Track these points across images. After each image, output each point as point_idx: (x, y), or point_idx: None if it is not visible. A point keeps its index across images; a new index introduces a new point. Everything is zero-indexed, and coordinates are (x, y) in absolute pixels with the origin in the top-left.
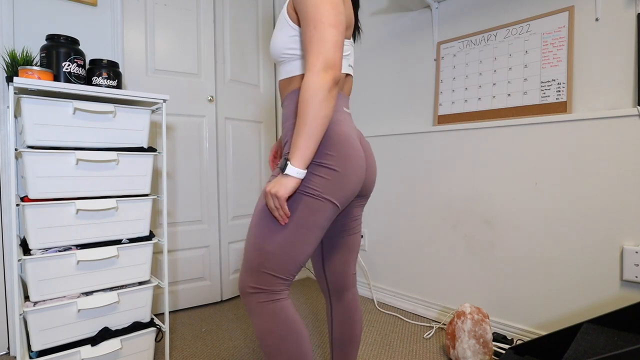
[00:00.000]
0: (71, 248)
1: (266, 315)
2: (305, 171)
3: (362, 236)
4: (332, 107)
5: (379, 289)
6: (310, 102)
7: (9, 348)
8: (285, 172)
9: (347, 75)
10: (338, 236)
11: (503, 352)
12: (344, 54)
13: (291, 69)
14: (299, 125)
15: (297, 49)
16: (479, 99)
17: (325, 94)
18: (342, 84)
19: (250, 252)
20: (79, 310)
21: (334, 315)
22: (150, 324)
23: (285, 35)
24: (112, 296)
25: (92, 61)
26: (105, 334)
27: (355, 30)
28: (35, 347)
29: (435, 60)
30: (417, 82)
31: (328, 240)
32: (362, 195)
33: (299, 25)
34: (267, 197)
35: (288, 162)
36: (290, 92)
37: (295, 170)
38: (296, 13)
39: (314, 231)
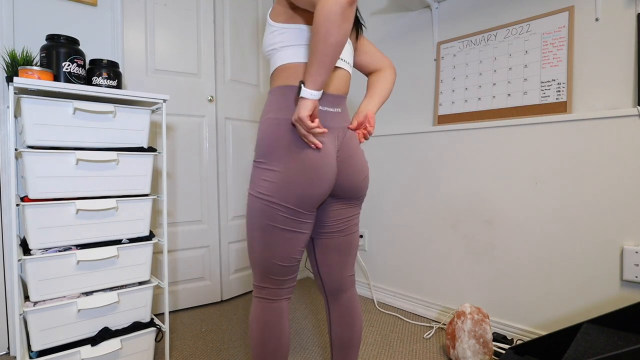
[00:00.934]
0: (71, 248)
1: (254, 309)
2: (320, 92)
3: (361, 236)
4: (344, 33)
5: (379, 289)
6: (320, 29)
7: (9, 348)
8: (300, 95)
9: (337, 68)
10: (330, 237)
11: (503, 352)
12: None
13: (273, 62)
14: (311, 52)
15: (276, 43)
16: (479, 99)
17: (336, 19)
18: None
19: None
20: (79, 310)
21: (332, 316)
22: (150, 324)
23: (267, 33)
24: (112, 296)
25: (92, 61)
26: (105, 334)
27: (358, 27)
28: (35, 347)
29: (435, 60)
30: (417, 82)
31: (320, 241)
32: (350, 197)
33: (277, 21)
34: (296, 126)
35: (302, 86)
36: (272, 89)
37: (309, 92)
38: (288, 5)
39: (275, 233)
